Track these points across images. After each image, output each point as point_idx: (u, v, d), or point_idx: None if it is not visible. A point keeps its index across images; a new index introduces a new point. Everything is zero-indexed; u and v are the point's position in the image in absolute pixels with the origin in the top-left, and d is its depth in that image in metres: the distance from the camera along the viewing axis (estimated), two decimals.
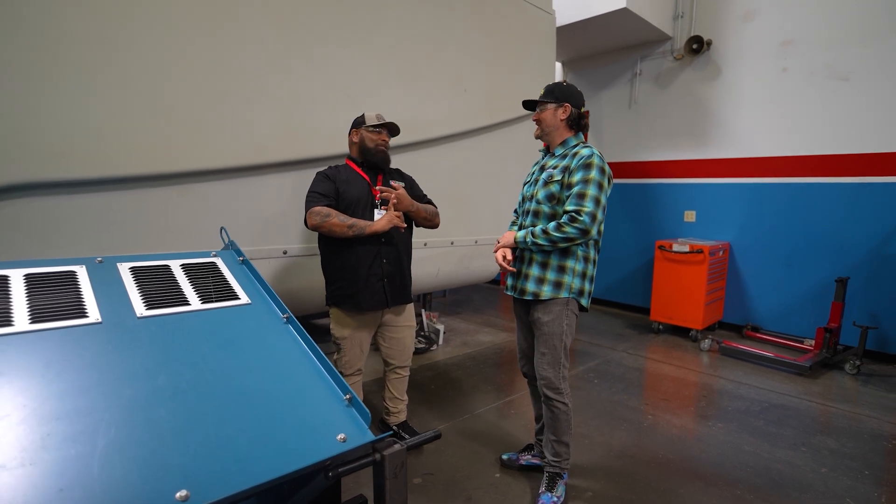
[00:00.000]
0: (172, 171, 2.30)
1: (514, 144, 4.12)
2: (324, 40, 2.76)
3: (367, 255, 2.24)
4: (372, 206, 2.28)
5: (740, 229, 4.79)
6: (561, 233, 1.86)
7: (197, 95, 2.33)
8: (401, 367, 2.51)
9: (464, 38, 3.59)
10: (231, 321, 1.40)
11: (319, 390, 1.24)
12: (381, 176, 2.38)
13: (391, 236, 2.29)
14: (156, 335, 1.25)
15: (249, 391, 1.17)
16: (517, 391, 3.25)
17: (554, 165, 2.01)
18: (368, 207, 2.27)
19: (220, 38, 2.36)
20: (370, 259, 2.25)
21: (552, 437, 2.07)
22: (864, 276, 4.06)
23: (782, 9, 4.39)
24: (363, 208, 2.25)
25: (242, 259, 1.70)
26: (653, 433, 2.71)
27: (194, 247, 2.37)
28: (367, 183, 2.30)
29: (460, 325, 4.97)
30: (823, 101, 4.20)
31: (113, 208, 2.15)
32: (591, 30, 4.93)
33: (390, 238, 2.29)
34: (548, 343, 2.00)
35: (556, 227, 1.88)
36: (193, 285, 1.49)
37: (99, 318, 1.23)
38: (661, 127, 5.32)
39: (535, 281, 2.00)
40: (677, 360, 4.01)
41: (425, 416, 2.85)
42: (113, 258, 1.48)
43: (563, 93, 2.03)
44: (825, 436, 2.71)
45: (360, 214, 2.22)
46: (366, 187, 2.29)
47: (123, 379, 1.09)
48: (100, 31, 2.02)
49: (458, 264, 3.93)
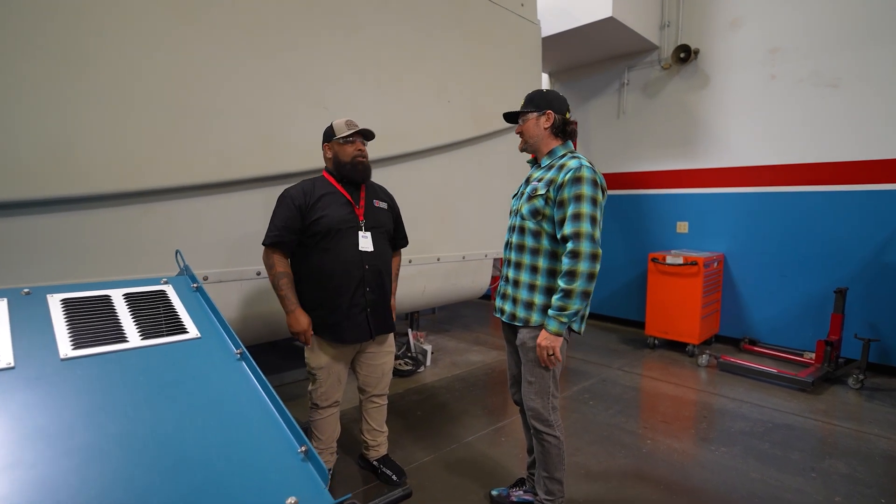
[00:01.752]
0: (133, 189, 2.12)
1: (501, 156, 4.00)
2: (298, 50, 2.62)
3: (349, 282, 2.03)
4: (356, 229, 2.06)
5: (734, 240, 4.68)
6: (579, 280, 1.66)
7: (161, 107, 2.16)
8: (378, 395, 2.32)
9: (447, 48, 3.47)
10: (175, 359, 1.22)
11: (271, 442, 1.06)
12: (364, 191, 2.17)
13: (375, 260, 2.09)
14: (80, 381, 1.07)
15: (187, 447, 1.00)
16: (509, 416, 3.08)
17: (539, 178, 1.86)
18: (351, 232, 2.05)
19: (184, 45, 2.21)
20: (352, 288, 2.04)
21: (544, 474, 1.90)
22: (862, 286, 3.95)
23: (769, 17, 4.34)
24: (345, 233, 2.03)
25: (197, 286, 1.53)
26: (653, 459, 2.54)
27: (158, 271, 2.19)
28: (349, 201, 2.09)
29: (449, 343, 4.79)
30: (813, 108, 4.13)
31: (64, 232, 1.97)
32: (577, 40, 4.86)
33: (374, 263, 2.08)
34: (534, 371, 1.83)
35: (568, 277, 1.67)
36: (135, 318, 1.31)
37: (11, 363, 1.05)
38: (651, 137, 5.23)
39: (524, 305, 1.84)
40: (675, 377, 3.85)
41: (409, 447, 2.66)
42: (43, 289, 1.31)
43: (543, 100, 1.89)
44: (835, 459, 2.55)
45: (342, 239, 2.02)
46: (347, 207, 2.07)
47: (30, 438, 0.91)
48: (54, 40, 1.86)
49: (445, 281, 3.77)
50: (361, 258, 2.05)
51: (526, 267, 1.86)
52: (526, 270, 1.86)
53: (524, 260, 1.86)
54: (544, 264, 1.81)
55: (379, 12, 3.00)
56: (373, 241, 2.09)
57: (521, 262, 1.88)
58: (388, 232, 2.21)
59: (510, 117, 2.00)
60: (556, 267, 1.79)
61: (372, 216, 2.13)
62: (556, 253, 1.80)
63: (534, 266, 1.83)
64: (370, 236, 2.09)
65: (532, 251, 1.84)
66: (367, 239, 2.07)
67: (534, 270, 1.83)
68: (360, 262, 2.05)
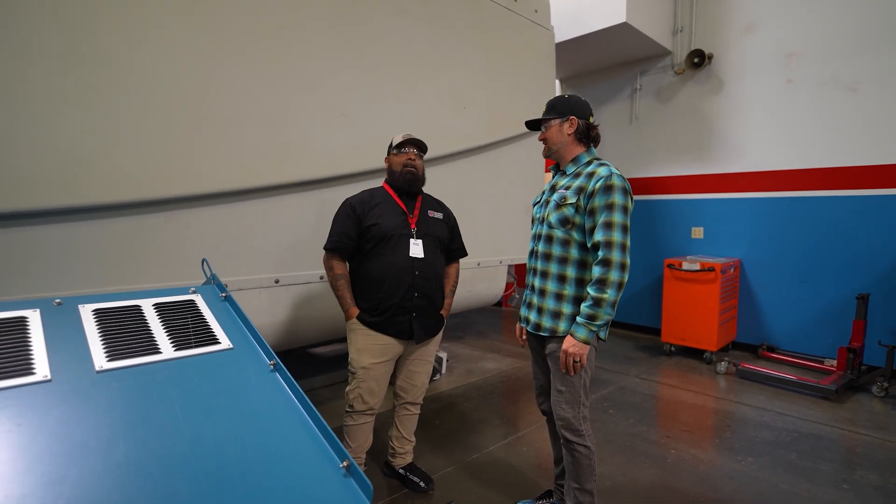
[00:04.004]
0: (155, 197, 2.12)
1: (517, 162, 3.98)
2: (317, 58, 2.62)
3: (399, 287, 2.08)
4: (407, 237, 2.12)
5: (750, 245, 4.63)
6: (610, 289, 1.66)
7: (182, 116, 2.16)
8: (412, 402, 2.32)
9: (462, 55, 3.46)
10: (209, 372, 1.20)
11: (311, 457, 1.04)
12: (420, 201, 2.24)
13: (425, 266, 2.13)
14: (117, 393, 1.05)
15: (226, 463, 0.97)
16: (528, 425, 3.03)
17: (566, 185, 1.83)
18: (403, 239, 2.11)
19: (205, 54, 2.21)
20: (402, 292, 2.08)
21: (574, 485, 1.86)
22: (884, 292, 3.89)
23: (783, 21, 4.31)
24: (397, 240, 2.09)
25: (225, 295, 1.51)
26: (679, 470, 2.49)
27: (179, 280, 2.18)
28: (403, 211, 2.16)
29: (463, 351, 4.75)
30: (832, 112, 4.09)
31: (88, 240, 1.96)
32: (589, 45, 4.85)
33: (424, 269, 2.12)
34: (564, 380, 1.80)
35: (599, 286, 1.67)
36: (167, 329, 1.30)
37: (48, 375, 1.03)
38: (664, 142, 5.20)
39: (552, 315, 1.81)
40: (694, 384, 3.79)
41: (430, 456, 2.62)
42: (74, 299, 1.29)
43: (565, 105, 1.86)
44: (866, 470, 2.49)
45: (395, 245, 2.08)
46: (401, 216, 2.14)
47: (71, 454, 0.89)
48: (73, 46, 1.86)
49: (462, 288, 3.73)
50: (412, 264, 2.09)
51: (553, 276, 1.83)
52: (553, 280, 1.83)
53: (551, 269, 1.84)
54: (573, 273, 1.79)
55: (396, 19, 3.00)
56: (424, 248, 2.13)
57: (547, 271, 1.85)
58: (441, 241, 2.25)
59: (532, 124, 1.97)
60: (585, 276, 1.77)
61: (424, 225, 2.19)
62: (585, 262, 1.78)
63: (561, 275, 1.81)
64: (421, 244, 2.13)
65: (560, 260, 1.81)
66: (419, 246, 2.12)
67: (561, 280, 1.80)
68: (411, 268, 2.09)
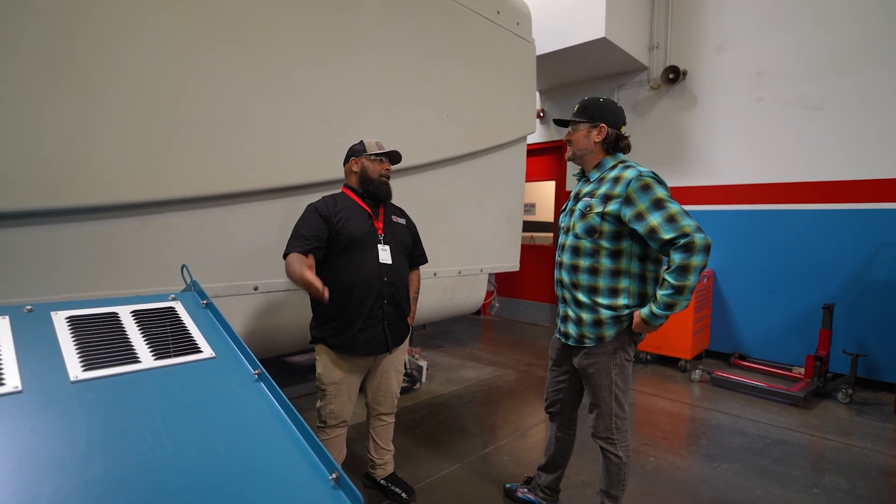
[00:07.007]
0: (132, 200, 2.05)
1: (498, 172, 4.02)
2: (301, 64, 2.59)
3: (369, 294, 2.02)
4: (375, 241, 2.08)
5: (723, 256, 4.77)
6: (693, 275, 1.56)
7: (162, 118, 2.10)
8: (386, 413, 2.27)
9: (445, 65, 3.49)
10: (191, 381, 1.16)
11: (299, 469, 1.01)
12: (382, 208, 2.21)
13: (393, 273, 2.10)
14: (94, 405, 1.01)
15: (211, 475, 0.94)
16: (509, 434, 3.03)
17: (590, 193, 1.78)
18: (372, 244, 2.07)
19: (188, 55, 2.16)
20: (371, 299, 2.02)
21: (602, 487, 1.90)
22: (848, 303, 4.06)
23: (753, 41, 4.49)
24: (366, 245, 2.05)
25: (206, 302, 1.47)
26: (658, 478, 2.53)
27: (158, 286, 2.11)
28: (369, 214, 2.12)
29: (443, 359, 4.73)
30: (799, 129, 4.26)
31: (61, 245, 1.88)
32: (569, 59, 4.95)
33: (392, 276, 2.09)
34: (598, 393, 1.83)
35: (680, 272, 1.57)
36: (146, 337, 1.25)
37: (18, 386, 0.98)
38: (640, 155, 5.31)
39: (592, 324, 1.78)
40: (669, 392, 3.86)
41: (411, 466, 2.59)
42: (46, 305, 1.24)
43: (598, 110, 1.78)
44: (834, 475, 2.57)
45: (363, 251, 2.03)
46: (368, 220, 2.11)
47: (45, 470, 0.84)
48: (51, 47, 1.79)
49: (442, 296, 3.73)
50: (381, 270, 2.05)
51: (584, 287, 1.79)
52: (584, 291, 1.79)
53: (580, 280, 1.79)
54: (604, 283, 1.75)
55: (381, 28, 3.00)
56: (391, 254, 2.10)
57: (577, 282, 1.81)
58: (406, 247, 2.22)
59: (561, 123, 1.92)
60: (618, 285, 1.74)
61: (390, 230, 2.16)
62: (617, 271, 1.74)
63: (592, 286, 1.77)
64: (389, 249, 2.10)
65: (589, 270, 1.77)
66: (387, 252, 2.09)
67: (593, 290, 1.77)
68: (380, 275, 2.04)
